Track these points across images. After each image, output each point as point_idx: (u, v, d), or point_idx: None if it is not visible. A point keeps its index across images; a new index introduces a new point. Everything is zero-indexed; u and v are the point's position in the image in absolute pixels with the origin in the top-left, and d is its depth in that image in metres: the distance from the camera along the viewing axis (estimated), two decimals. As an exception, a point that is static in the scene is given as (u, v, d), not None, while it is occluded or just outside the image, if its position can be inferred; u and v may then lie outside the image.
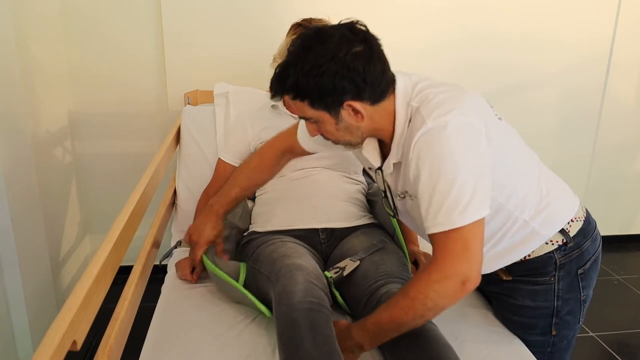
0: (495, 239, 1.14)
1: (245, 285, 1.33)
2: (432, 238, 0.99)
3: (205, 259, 1.40)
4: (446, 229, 0.95)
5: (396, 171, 1.11)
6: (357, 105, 1.00)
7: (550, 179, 1.18)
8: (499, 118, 1.09)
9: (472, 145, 0.97)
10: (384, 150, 1.13)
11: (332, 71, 0.96)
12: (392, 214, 1.24)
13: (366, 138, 1.11)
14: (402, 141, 1.05)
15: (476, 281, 0.96)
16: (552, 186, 1.16)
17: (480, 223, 0.96)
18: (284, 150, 1.42)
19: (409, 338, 1.06)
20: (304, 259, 1.24)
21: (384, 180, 1.17)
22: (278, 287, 1.15)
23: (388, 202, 1.22)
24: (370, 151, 1.14)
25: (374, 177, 1.24)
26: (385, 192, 1.20)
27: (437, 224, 0.96)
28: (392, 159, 1.09)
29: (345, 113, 1.02)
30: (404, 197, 1.13)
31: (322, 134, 1.10)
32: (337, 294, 1.29)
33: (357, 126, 1.05)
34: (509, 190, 1.08)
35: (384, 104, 1.04)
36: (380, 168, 1.15)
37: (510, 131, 1.11)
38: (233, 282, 1.30)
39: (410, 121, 1.02)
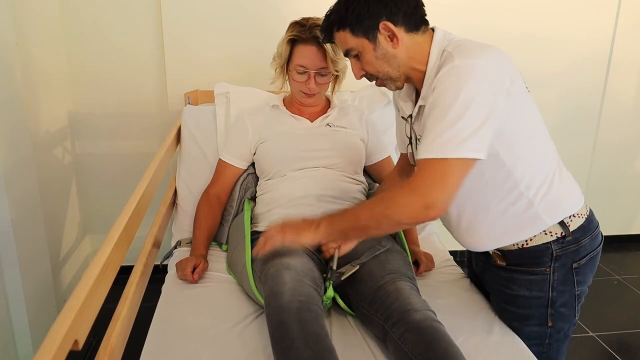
0: (499, 209, 1.15)
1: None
2: (418, 164, 1.03)
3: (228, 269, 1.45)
4: (434, 156, 0.99)
5: (420, 115, 1.16)
6: (392, 27, 1.08)
7: (563, 169, 1.21)
8: (528, 90, 1.13)
9: (491, 90, 1.01)
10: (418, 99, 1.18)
11: None
12: (413, 163, 1.27)
13: (404, 77, 1.16)
14: (429, 82, 1.10)
15: (439, 212, 1.00)
16: (563, 177, 1.19)
17: (468, 164, 1.00)
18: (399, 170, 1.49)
19: (417, 335, 1.07)
20: (293, 258, 1.23)
21: (411, 128, 1.23)
22: (267, 288, 1.16)
23: (412, 151, 1.27)
24: (405, 99, 1.24)
25: (404, 129, 1.27)
26: (410, 139, 1.26)
27: (429, 151, 1.00)
28: (419, 102, 1.14)
29: (382, 38, 1.10)
30: (419, 143, 1.17)
31: (365, 72, 1.17)
32: (337, 297, 1.29)
33: (394, 54, 1.11)
34: (520, 160, 1.10)
35: (419, 39, 1.12)
36: (411, 115, 1.21)
37: (536, 107, 1.15)
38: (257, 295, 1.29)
39: (441, 64, 1.07)
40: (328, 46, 1.50)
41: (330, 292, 1.26)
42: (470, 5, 2.35)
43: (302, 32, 1.51)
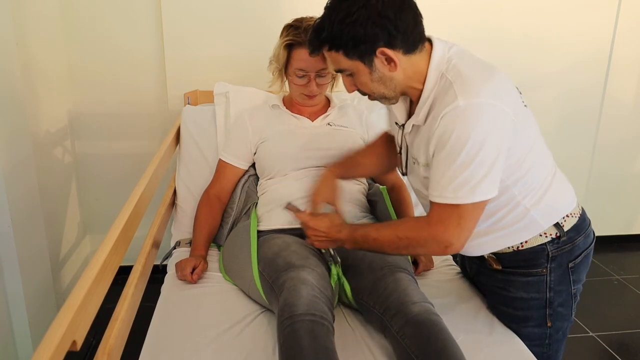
0: (494, 219, 1.16)
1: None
2: (433, 204, 1.06)
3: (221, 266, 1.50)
4: (449, 202, 1.01)
5: (414, 133, 1.15)
6: (390, 52, 1.02)
7: (557, 173, 1.21)
8: (525, 105, 1.12)
9: (498, 130, 1.01)
10: (412, 109, 1.17)
11: (364, 18, 0.98)
12: (402, 171, 1.28)
13: (400, 95, 1.13)
14: (426, 106, 1.08)
15: (458, 249, 1.07)
16: (557, 180, 1.19)
17: (482, 205, 1.03)
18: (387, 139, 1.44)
19: (415, 329, 1.08)
20: (308, 271, 1.22)
21: (402, 137, 1.21)
22: (281, 300, 1.15)
23: (401, 159, 1.26)
24: (399, 107, 1.19)
25: (395, 133, 1.27)
26: (400, 149, 1.24)
27: (443, 196, 1.02)
28: (413, 120, 1.13)
29: (378, 62, 1.04)
30: (414, 163, 1.18)
31: (358, 88, 1.13)
32: (344, 280, 1.29)
33: (390, 77, 1.07)
34: (519, 175, 1.11)
35: (416, 59, 1.07)
36: (404, 124, 1.19)
37: (532, 120, 1.14)
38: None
39: (439, 91, 1.05)
40: None
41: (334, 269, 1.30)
42: (471, 5, 2.35)
43: (298, 36, 1.51)
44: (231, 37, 2.22)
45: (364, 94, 1.15)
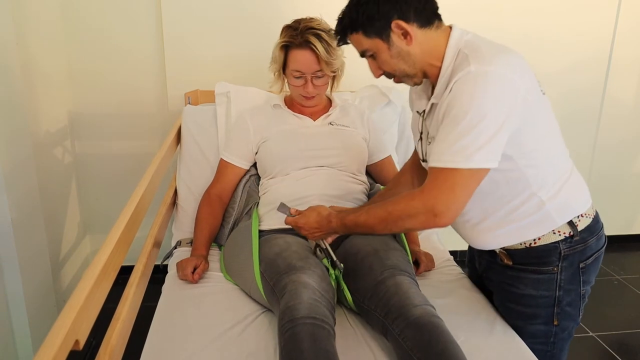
0: (508, 208, 1.15)
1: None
2: (430, 171, 1.06)
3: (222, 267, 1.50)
4: (445, 166, 1.01)
5: (431, 113, 1.16)
6: (405, 25, 1.08)
7: (574, 172, 1.22)
8: (543, 93, 1.12)
9: (507, 98, 1.01)
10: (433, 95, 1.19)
11: None
12: (422, 158, 1.28)
13: (421, 73, 1.15)
14: (444, 80, 1.10)
15: (448, 221, 1.04)
16: (574, 178, 1.20)
17: (479, 174, 1.02)
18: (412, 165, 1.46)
19: (416, 332, 1.07)
20: (310, 273, 1.22)
21: (423, 123, 1.23)
22: (282, 303, 1.15)
23: (421, 147, 1.27)
24: (421, 95, 1.23)
25: (418, 123, 1.27)
26: (421, 135, 1.26)
27: (441, 160, 1.02)
28: (432, 99, 1.14)
29: (395, 37, 1.09)
30: (429, 143, 1.18)
31: (383, 71, 1.17)
32: (344, 286, 1.29)
33: (408, 51, 1.11)
34: (534, 162, 1.11)
35: (433, 35, 1.11)
36: (424, 110, 1.21)
37: (549, 109, 1.15)
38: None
39: (457, 65, 1.07)
40: (320, 48, 1.49)
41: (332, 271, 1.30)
42: (471, 5, 2.35)
43: (294, 37, 1.51)
44: (231, 37, 2.22)
45: (389, 76, 1.18)
